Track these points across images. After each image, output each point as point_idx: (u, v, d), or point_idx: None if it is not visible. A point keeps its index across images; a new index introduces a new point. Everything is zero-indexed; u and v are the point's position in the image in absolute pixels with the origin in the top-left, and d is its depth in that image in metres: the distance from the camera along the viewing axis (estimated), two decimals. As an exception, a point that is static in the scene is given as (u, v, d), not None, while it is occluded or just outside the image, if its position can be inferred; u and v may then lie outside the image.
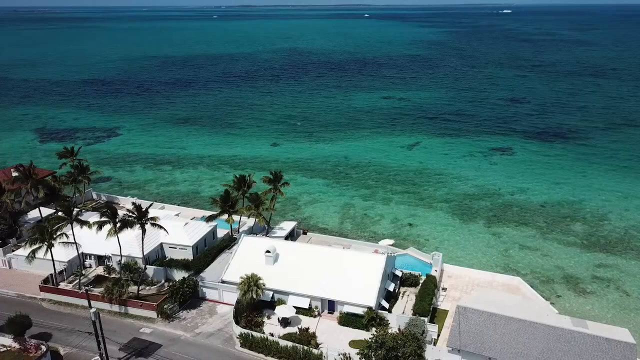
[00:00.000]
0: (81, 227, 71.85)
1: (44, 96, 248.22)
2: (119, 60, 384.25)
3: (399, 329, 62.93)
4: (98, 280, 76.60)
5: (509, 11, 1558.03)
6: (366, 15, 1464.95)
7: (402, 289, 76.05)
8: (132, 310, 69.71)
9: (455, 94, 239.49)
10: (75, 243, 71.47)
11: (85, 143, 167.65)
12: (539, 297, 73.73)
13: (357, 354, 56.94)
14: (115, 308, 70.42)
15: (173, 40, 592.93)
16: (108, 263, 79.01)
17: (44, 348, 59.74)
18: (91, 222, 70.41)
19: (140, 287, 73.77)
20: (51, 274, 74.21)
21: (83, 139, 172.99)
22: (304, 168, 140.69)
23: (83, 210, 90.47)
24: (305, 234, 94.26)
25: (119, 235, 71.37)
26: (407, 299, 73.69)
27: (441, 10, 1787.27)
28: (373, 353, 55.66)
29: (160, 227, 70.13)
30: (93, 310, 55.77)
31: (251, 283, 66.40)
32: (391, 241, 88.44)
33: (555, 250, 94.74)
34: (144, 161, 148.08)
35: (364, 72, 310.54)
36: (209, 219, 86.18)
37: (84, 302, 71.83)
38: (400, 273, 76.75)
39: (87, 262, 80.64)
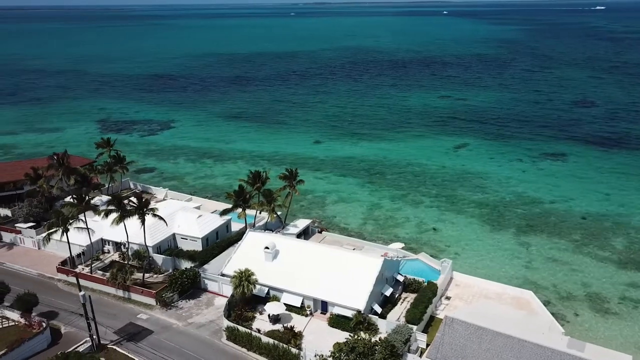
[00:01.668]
0: (95, 214, 75.99)
1: (112, 89, 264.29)
2: (185, 57, 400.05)
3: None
4: (113, 265, 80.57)
5: (602, 8, 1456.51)
6: (445, 12, 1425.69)
7: (404, 295, 74.10)
8: (134, 297, 72.88)
9: (517, 96, 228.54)
10: (88, 229, 75.61)
11: (140, 135, 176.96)
12: (546, 314, 69.00)
13: (329, 356, 56.21)
14: (120, 293, 73.92)
15: (242, 37, 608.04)
16: (123, 250, 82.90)
17: (44, 325, 63.89)
18: (99, 210, 74.31)
19: (148, 275, 77.08)
20: (69, 257, 79.04)
21: (139, 131, 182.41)
22: (339, 166, 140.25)
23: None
24: (321, 232, 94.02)
25: (135, 223, 74.94)
26: (407, 305, 71.64)
27: (527, 6, 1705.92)
28: (345, 357, 54.77)
29: (160, 218, 72.83)
30: (82, 293, 58.94)
31: (242, 278, 67.34)
32: (401, 245, 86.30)
33: (586, 266, 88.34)
34: (188, 154, 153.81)
35: (426, 72, 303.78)
36: (223, 212, 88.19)
37: (96, 285, 76.15)
38: (402, 278, 74.81)
39: (106, 247, 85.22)
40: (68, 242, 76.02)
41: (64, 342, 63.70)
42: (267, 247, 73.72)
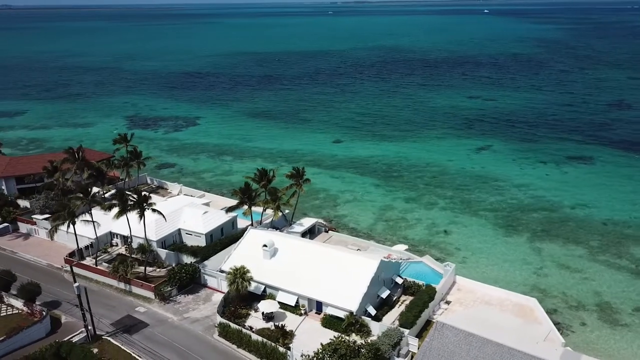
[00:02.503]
0: (101, 208, 77.91)
1: (145, 86, 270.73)
2: (218, 55, 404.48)
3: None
4: (118, 258, 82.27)
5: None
6: (486, 11, 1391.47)
7: (402, 298, 72.89)
8: (135, 290, 74.26)
9: (550, 98, 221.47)
10: (94, 222, 77.46)
11: (165, 131, 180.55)
12: (548, 323, 66.50)
13: (312, 357, 55.75)
14: (122, 285, 75.47)
15: (276, 36, 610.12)
16: (130, 243, 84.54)
17: (44, 314, 65.87)
18: (104, 204, 76.06)
19: (151, 269, 78.50)
20: (77, 249, 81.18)
21: (165, 127, 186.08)
22: (357, 166, 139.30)
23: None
24: (327, 232, 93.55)
25: (138, 217, 76.42)
26: (404, 308, 70.40)
27: (573, 5, 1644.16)
28: (328, 358, 54.28)
29: (160, 213, 73.94)
30: (76, 284, 60.44)
31: (237, 275, 67.65)
32: (405, 246, 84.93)
33: (600, 274, 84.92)
34: (209, 151, 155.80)
35: (458, 71, 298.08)
36: (229, 209, 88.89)
37: (100, 277, 78.04)
38: (401, 280, 73.63)
39: (114, 240, 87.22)
40: (75, 234, 78.08)
41: (62, 332, 65.47)
42: (265, 245, 73.87)
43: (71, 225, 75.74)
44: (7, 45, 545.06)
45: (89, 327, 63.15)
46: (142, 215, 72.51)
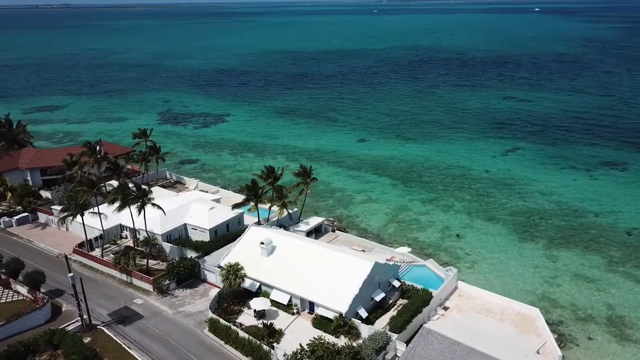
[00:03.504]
0: (105, 201, 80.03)
1: (180, 83, 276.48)
2: (255, 54, 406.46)
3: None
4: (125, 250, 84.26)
5: None
6: (536, 9, 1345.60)
7: (400, 301, 71.41)
8: (135, 282, 75.84)
9: (591, 100, 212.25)
10: (100, 214, 79.59)
11: (193, 127, 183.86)
12: (548, 334, 63.64)
13: (290, 358, 55.28)
14: (124, 277, 77.23)
15: (317, 34, 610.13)
16: (138, 236, 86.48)
17: (45, 301, 68.16)
18: (108, 198, 78.03)
19: (155, 262, 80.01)
20: (85, 240, 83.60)
21: (194, 123, 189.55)
22: (377, 166, 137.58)
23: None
24: (334, 231, 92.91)
25: (149, 211, 78.09)
26: (399, 312, 69.00)
27: (626, 2, 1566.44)
28: (307, 359, 53.77)
29: (159, 207, 75.15)
30: (71, 274, 62.19)
31: (231, 271, 68.04)
32: (408, 249, 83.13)
33: (617, 286, 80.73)
34: (233, 147, 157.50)
35: (495, 72, 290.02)
36: (235, 206, 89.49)
37: (104, 269, 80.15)
38: (399, 284, 72.21)
39: (124, 233, 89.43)
40: (83, 225, 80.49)
41: (61, 319, 67.50)
42: (262, 243, 73.97)
43: (79, 217, 78.17)
44: (60, 42, 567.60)
45: (85, 317, 64.81)
46: (141, 209, 73.94)
